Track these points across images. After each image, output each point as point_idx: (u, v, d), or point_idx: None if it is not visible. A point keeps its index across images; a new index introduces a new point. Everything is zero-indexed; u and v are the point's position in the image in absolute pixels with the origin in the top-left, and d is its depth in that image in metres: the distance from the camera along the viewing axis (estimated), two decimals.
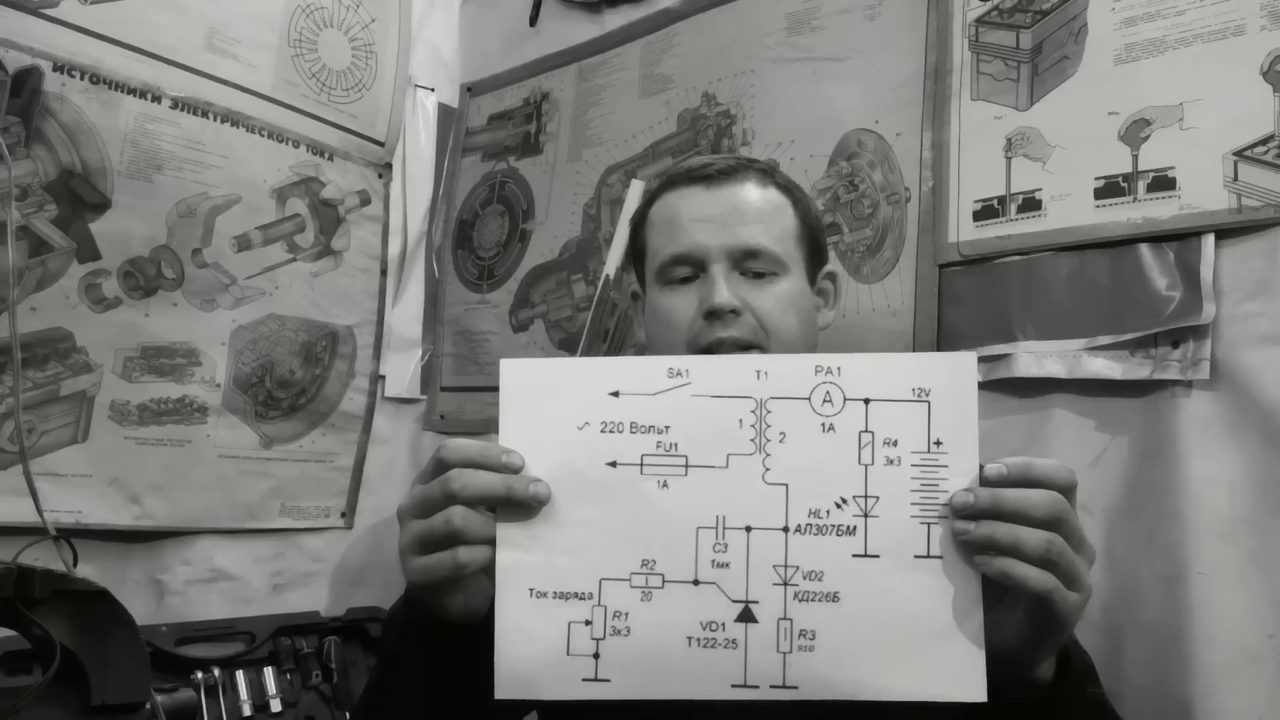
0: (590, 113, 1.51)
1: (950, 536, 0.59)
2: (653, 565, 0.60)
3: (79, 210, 1.18)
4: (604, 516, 0.61)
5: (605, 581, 0.60)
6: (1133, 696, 0.90)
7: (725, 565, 0.60)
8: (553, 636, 0.60)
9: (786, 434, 0.61)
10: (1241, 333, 0.88)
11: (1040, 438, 0.99)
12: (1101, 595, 0.94)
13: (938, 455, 0.60)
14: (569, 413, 0.62)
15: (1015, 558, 0.56)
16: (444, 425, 1.61)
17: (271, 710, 1.26)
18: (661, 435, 0.61)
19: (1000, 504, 0.57)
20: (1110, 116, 0.97)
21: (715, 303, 0.83)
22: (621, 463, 0.61)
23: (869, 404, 0.60)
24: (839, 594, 0.59)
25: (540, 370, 0.63)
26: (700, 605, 0.60)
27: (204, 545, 1.32)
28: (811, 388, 0.61)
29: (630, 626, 0.60)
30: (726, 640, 0.59)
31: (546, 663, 0.60)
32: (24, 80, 1.12)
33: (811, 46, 1.24)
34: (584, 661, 0.59)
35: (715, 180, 0.88)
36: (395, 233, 1.60)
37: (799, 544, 0.60)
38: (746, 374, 0.62)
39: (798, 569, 0.60)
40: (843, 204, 1.18)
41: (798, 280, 0.88)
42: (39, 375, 1.16)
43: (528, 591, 0.60)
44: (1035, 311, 1.00)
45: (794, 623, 0.59)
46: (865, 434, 0.60)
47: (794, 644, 0.59)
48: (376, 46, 1.55)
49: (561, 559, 0.61)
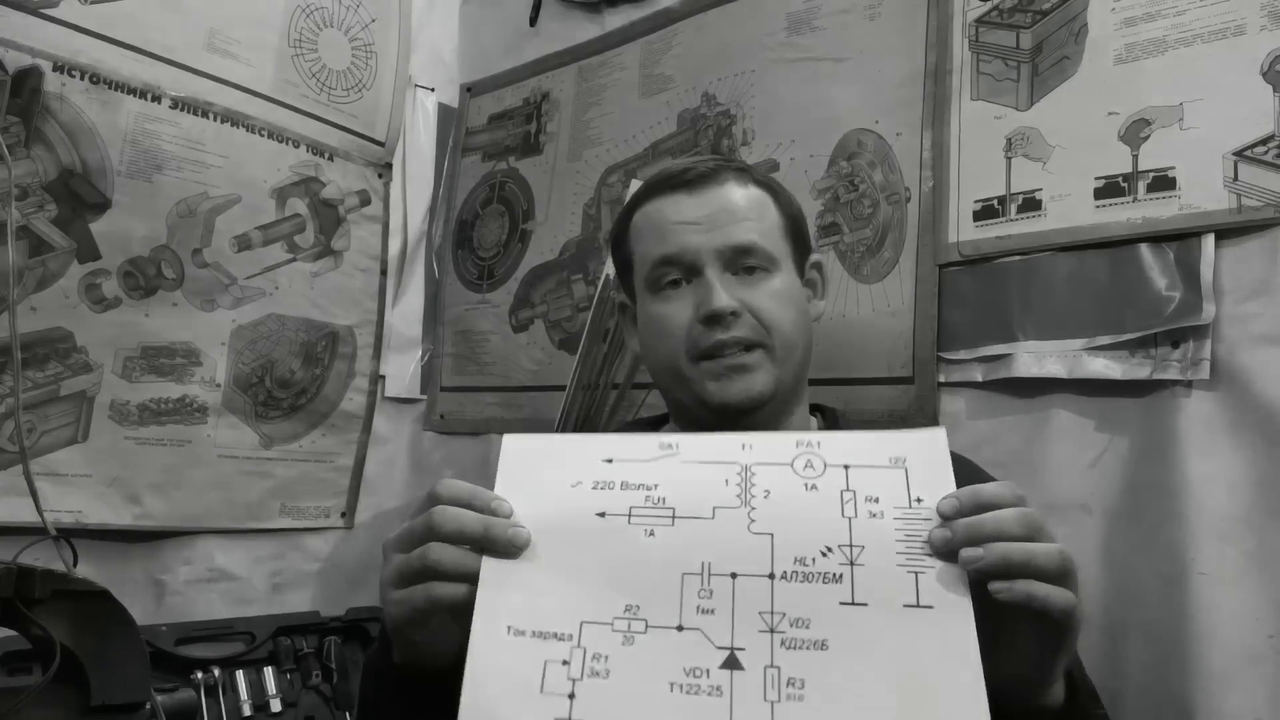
0: (590, 113, 1.51)
1: (940, 587, 0.57)
2: (636, 610, 0.60)
3: (79, 210, 1.18)
4: (590, 561, 0.61)
5: (586, 624, 0.59)
6: (1133, 696, 0.90)
7: (710, 611, 0.59)
8: (527, 673, 0.58)
9: (771, 491, 0.62)
10: (1241, 333, 0.88)
11: (1040, 438, 0.99)
12: (1101, 595, 0.94)
13: (919, 510, 0.59)
14: (563, 475, 0.64)
15: (1032, 578, 0.55)
16: (444, 425, 1.61)
17: (271, 710, 1.26)
18: (650, 491, 0.63)
19: (980, 530, 0.56)
20: (1110, 116, 0.97)
21: (715, 306, 0.82)
22: (610, 513, 0.62)
23: (849, 469, 0.61)
24: (827, 641, 0.57)
25: (540, 443, 0.66)
26: (684, 651, 0.58)
27: (204, 545, 1.32)
28: (793, 457, 0.63)
29: (610, 669, 0.58)
30: (711, 687, 0.57)
31: (517, 699, 0.58)
32: (24, 80, 1.13)
33: (811, 46, 1.24)
34: (558, 701, 0.58)
35: (696, 184, 0.87)
36: (395, 233, 1.60)
37: (785, 591, 0.59)
38: (732, 446, 0.64)
39: (784, 615, 0.58)
40: (843, 204, 1.18)
41: (789, 274, 0.88)
42: (39, 375, 1.16)
43: (506, 629, 0.59)
44: (1035, 311, 1.00)
45: (781, 670, 0.57)
46: (847, 492, 0.61)
47: (782, 692, 0.57)
48: (376, 46, 1.55)
49: (544, 599, 0.60)
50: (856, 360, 1.13)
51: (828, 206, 1.19)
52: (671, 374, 0.86)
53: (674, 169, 0.91)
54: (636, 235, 0.92)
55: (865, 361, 1.12)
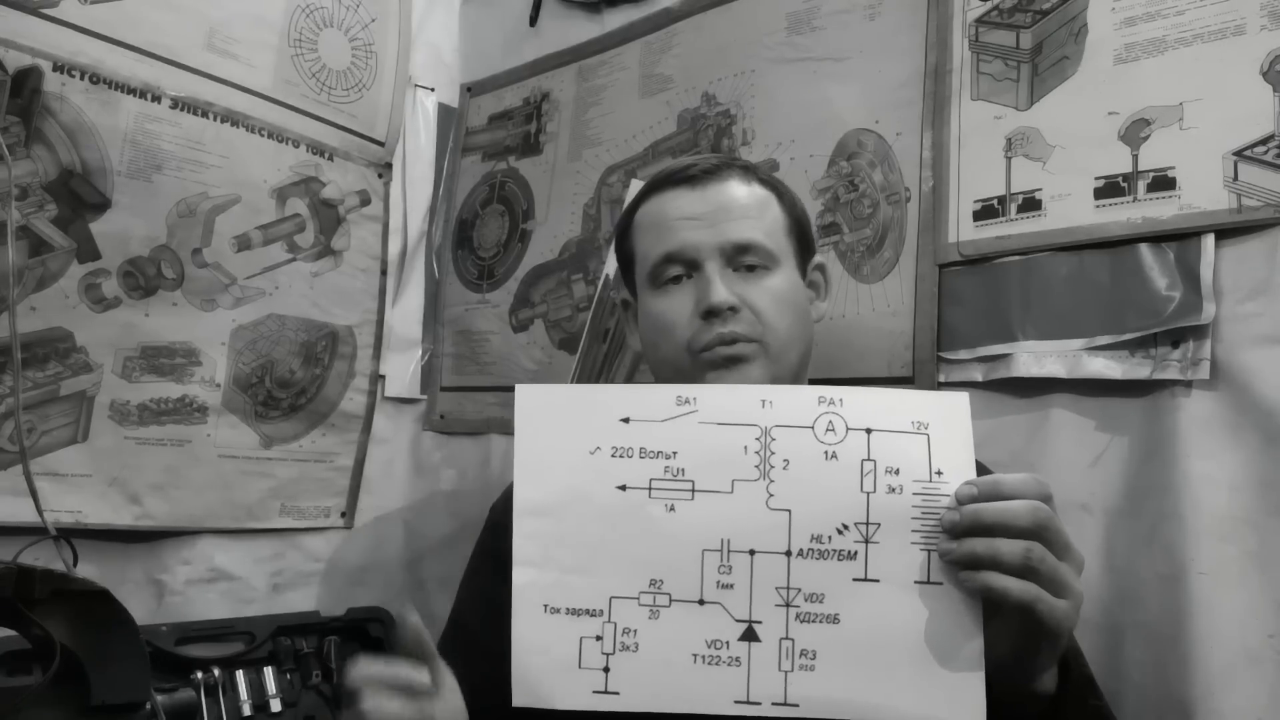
0: (590, 113, 1.51)
1: (951, 564, 0.60)
2: (660, 585, 0.63)
3: (79, 210, 1.18)
4: (614, 538, 0.64)
5: (615, 599, 0.63)
6: (1133, 696, 0.90)
7: (730, 586, 0.62)
8: (565, 650, 0.63)
9: (790, 461, 0.63)
10: (1241, 333, 0.88)
11: (1040, 438, 0.99)
12: (1101, 595, 0.94)
13: (939, 484, 0.61)
14: (581, 438, 0.65)
15: (996, 570, 0.57)
16: (444, 425, 1.61)
17: (271, 710, 1.26)
18: (669, 460, 0.64)
19: (981, 518, 0.58)
20: (1110, 116, 0.97)
21: (713, 301, 0.82)
22: (631, 486, 0.64)
23: (870, 434, 0.62)
24: (839, 615, 0.61)
25: (554, 396, 0.67)
26: (705, 624, 0.62)
27: (204, 545, 1.32)
28: (815, 417, 0.63)
29: (639, 643, 0.63)
30: (730, 658, 0.62)
31: (559, 675, 0.62)
32: (24, 80, 1.12)
33: (811, 46, 1.24)
34: (595, 675, 0.62)
35: (699, 180, 0.88)
36: (395, 233, 1.60)
37: (801, 567, 0.62)
38: (752, 403, 0.64)
39: (799, 591, 0.62)
40: (843, 204, 1.18)
41: (790, 273, 0.88)
42: (39, 375, 1.16)
43: (542, 607, 0.63)
44: (1035, 311, 1.00)
45: (795, 643, 0.61)
46: (868, 462, 0.62)
47: (795, 663, 0.61)
48: (376, 46, 1.55)
49: (573, 577, 0.64)
50: (856, 360, 1.13)
51: (828, 206, 1.19)
52: (673, 369, 0.87)
53: (678, 165, 0.91)
54: (639, 231, 0.92)
55: (865, 361, 1.12)
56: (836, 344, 1.13)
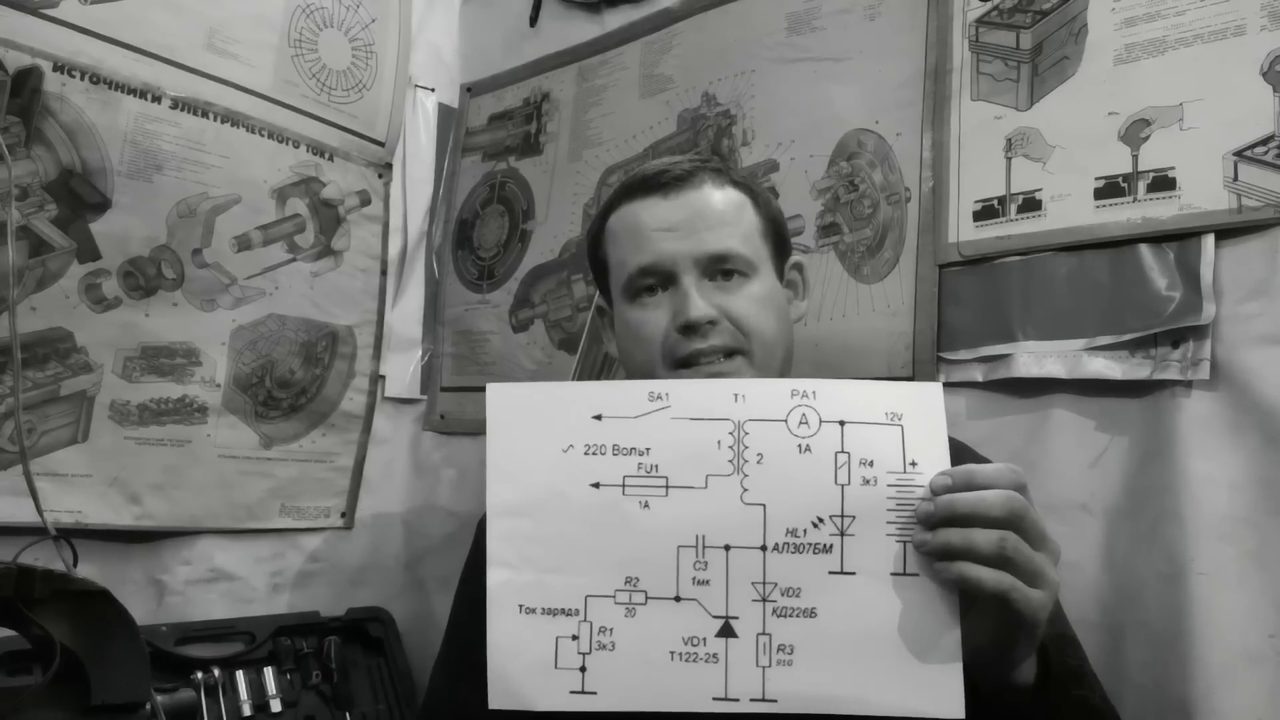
0: (590, 113, 1.51)
1: (926, 556, 0.60)
2: (636, 582, 0.63)
3: (79, 210, 1.18)
4: (589, 536, 0.63)
5: (590, 598, 0.63)
6: (1133, 696, 0.90)
7: (706, 583, 0.62)
8: (541, 650, 0.62)
9: (764, 455, 0.62)
10: (1241, 333, 0.88)
11: (1040, 438, 0.99)
12: (1101, 595, 0.94)
13: (913, 476, 0.61)
14: (554, 436, 0.64)
15: (971, 560, 0.57)
16: (444, 425, 1.61)
17: (271, 710, 1.26)
18: (642, 457, 0.63)
19: (955, 508, 0.58)
20: (1110, 116, 0.97)
21: (691, 316, 0.81)
22: (604, 484, 0.63)
23: (844, 426, 0.62)
24: (816, 609, 0.61)
25: (526, 394, 0.66)
26: (682, 621, 0.62)
27: (204, 545, 1.32)
28: (788, 410, 0.63)
29: (615, 641, 0.62)
30: (707, 655, 0.61)
31: (536, 676, 0.62)
32: (24, 80, 1.12)
33: (811, 46, 1.24)
34: (571, 674, 0.62)
35: (672, 187, 0.86)
36: (395, 233, 1.60)
37: (777, 562, 0.61)
38: (724, 397, 0.64)
39: (776, 585, 0.61)
40: (843, 204, 1.18)
41: (768, 278, 0.87)
42: (39, 375, 1.16)
43: (517, 608, 0.63)
44: (1035, 311, 1.00)
45: (772, 638, 0.61)
46: (841, 454, 0.62)
47: (773, 658, 0.61)
48: (376, 46, 1.55)
49: (549, 577, 0.63)
50: (856, 360, 1.13)
51: (828, 206, 1.19)
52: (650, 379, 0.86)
53: (649, 170, 0.89)
54: (612, 239, 0.90)
55: (865, 362, 1.12)
56: (836, 345, 1.14)
